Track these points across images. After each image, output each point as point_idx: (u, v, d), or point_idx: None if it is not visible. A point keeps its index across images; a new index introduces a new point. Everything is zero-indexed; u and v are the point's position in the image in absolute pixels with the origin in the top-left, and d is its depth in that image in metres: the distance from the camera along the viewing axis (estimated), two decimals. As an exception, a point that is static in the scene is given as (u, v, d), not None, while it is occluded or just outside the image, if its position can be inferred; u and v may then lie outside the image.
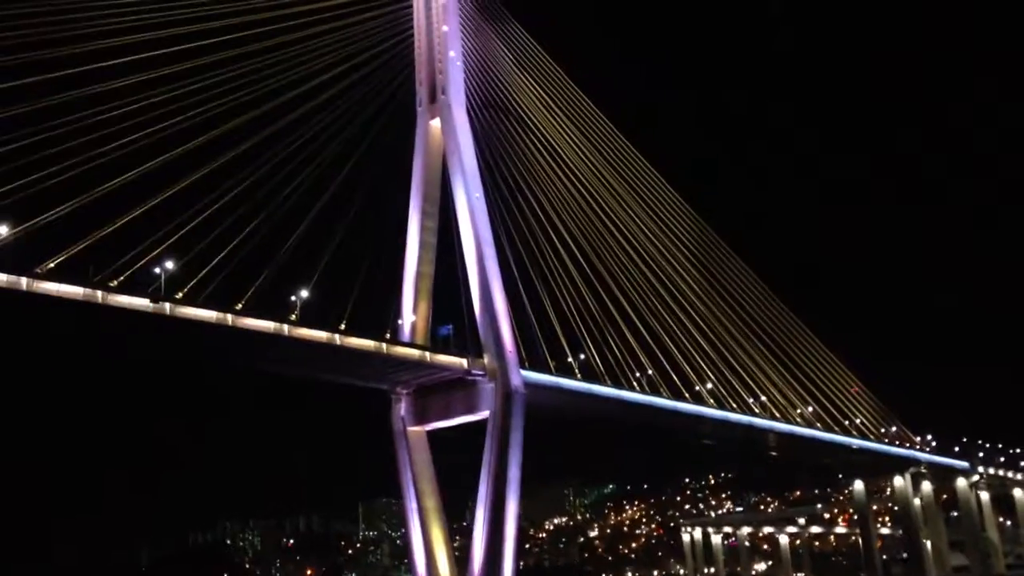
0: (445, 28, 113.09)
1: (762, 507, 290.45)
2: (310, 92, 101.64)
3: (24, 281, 75.52)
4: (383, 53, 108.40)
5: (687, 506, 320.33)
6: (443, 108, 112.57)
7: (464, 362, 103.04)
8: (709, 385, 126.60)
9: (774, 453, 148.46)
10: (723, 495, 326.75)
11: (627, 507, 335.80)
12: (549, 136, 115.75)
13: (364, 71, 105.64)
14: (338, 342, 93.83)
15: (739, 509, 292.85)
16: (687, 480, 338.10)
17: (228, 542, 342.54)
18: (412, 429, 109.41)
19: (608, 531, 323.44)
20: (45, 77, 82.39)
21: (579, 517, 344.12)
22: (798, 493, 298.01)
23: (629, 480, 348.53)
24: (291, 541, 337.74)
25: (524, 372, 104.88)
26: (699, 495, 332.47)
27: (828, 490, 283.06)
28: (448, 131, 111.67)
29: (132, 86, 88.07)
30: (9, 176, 76.22)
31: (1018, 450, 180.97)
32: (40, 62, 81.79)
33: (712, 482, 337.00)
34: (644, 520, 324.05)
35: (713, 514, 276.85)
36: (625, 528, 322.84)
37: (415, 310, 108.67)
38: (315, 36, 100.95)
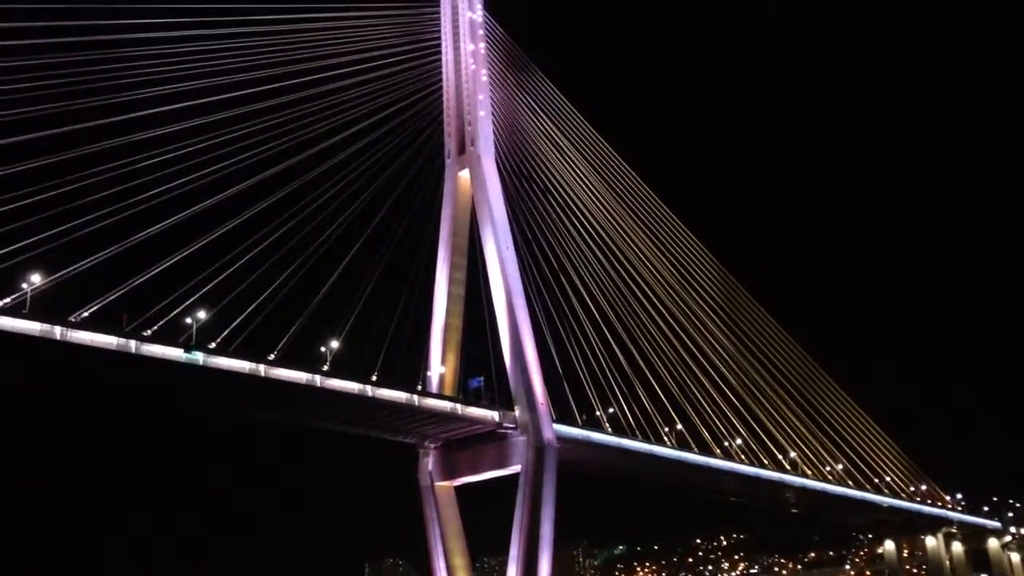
0: (484, 75, 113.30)
1: (776, 569, 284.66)
2: (339, 144, 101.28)
3: (58, 330, 74.12)
4: (412, 105, 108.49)
5: (700, 567, 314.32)
6: (472, 159, 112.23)
7: (496, 415, 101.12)
8: (739, 441, 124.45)
9: (800, 511, 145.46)
10: (736, 556, 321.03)
11: (638, 569, 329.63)
12: (576, 189, 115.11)
13: (393, 123, 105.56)
14: (370, 393, 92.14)
15: (753, 571, 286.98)
16: (698, 541, 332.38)
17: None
18: (440, 484, 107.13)
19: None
20: (80, 127, 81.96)
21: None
22: (812, 555, 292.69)
23: (639, 540, 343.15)
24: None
25: (555, 426, 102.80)
26: (711, 556, 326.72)
27: (843, 552, 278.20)
28: (478, 182, 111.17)
29: (162, 137, 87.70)
30: (43, 224, 75.52)
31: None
32: (75, 111, 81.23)
33: (724, 543, 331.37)
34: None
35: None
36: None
37: (443, 362, 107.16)
38: (345, 89, 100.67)
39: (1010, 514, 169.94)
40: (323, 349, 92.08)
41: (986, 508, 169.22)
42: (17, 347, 72.24)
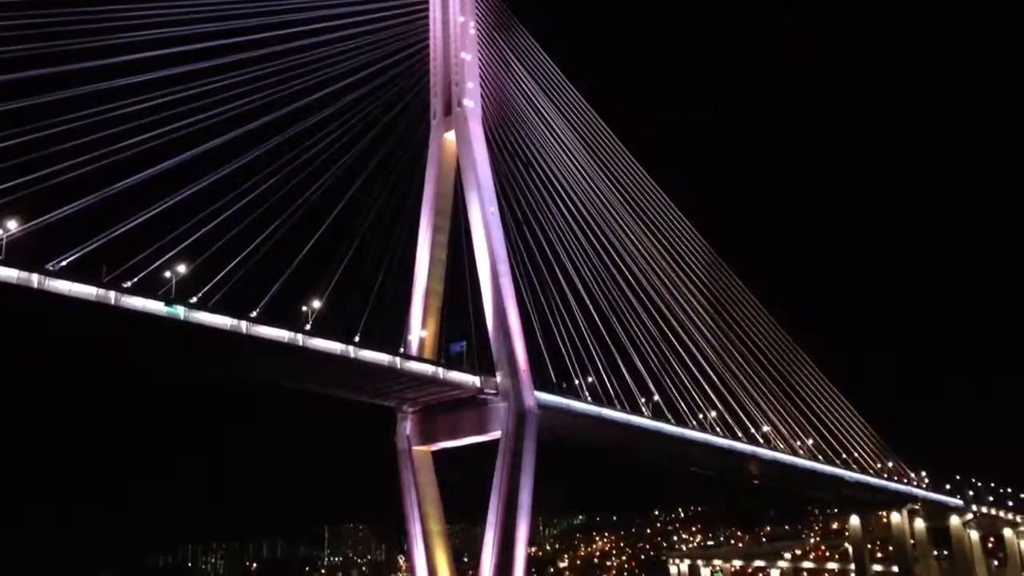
0: (473, 32, 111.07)
1: (732, 541, 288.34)
2: (323, 100, 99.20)
3: (35, 278, 71.65)
4: (397, 64, 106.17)
5: (658, 539, 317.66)
6: (459, 120, 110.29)
7: (477, 380, 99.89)
8: (713, 413, 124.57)
9: (770, 484, 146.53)
10: (693, 528, 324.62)
11: (596, 538, 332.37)
12: (562, 158, 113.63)
13: (378, 81, 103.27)
14: (352, 355, 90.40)
15: (710, 543, 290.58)
16: (656, 513, 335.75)
17: (190, 564, 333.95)
18: (417, 449, 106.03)
19: (578, 562, 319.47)
20: (62, 69, 79.15)
21: (548, 548, 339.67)
22: (768, 529, 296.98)
23: (598, 511, 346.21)
24: (254, 565, 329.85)
25: (536, 393, 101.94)
26: (669, 528, 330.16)
27: (799, 527, 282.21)
28: (464, 144, 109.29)
29: (145, 83, 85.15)
30: (20, 170, 72.93)
31: (1008, 489, 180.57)
32: (58, 54, 78.36)
33: (682, 515, 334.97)
34: (614, 552, 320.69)
35: (685, 547, 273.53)
36: (596, 559, 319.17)
37: (424, 326, 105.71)
38: (328, 43, 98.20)
39: (971, 492, 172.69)
40: (304, 308, 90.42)
41: (948, 486, 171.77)
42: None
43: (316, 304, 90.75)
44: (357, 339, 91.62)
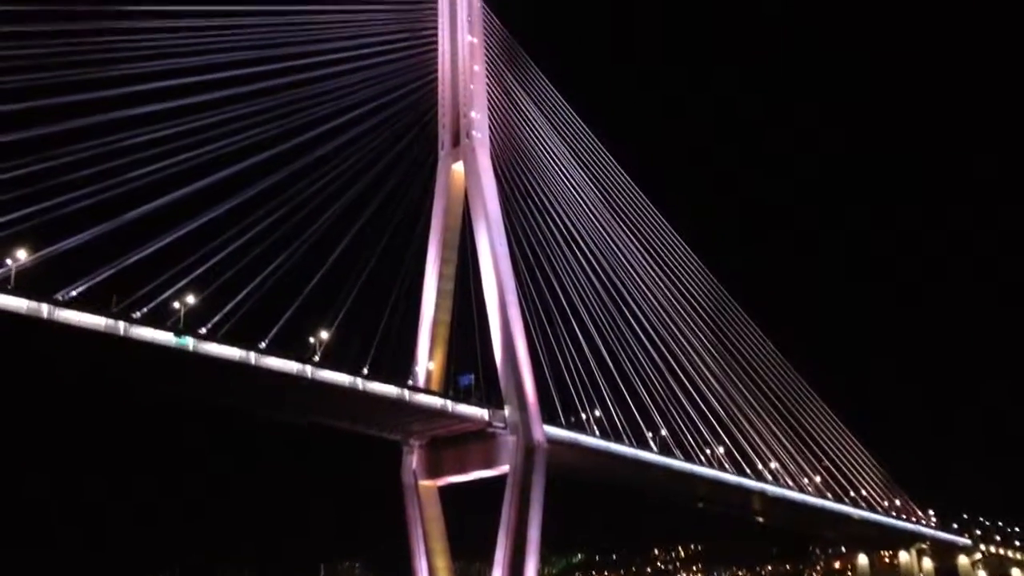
0: (476, 67, 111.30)
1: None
2: (332, 131, 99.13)
3: (45, 308, 70.88)
4: (406, 96, 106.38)
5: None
6: (467, 151, 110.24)
7: (485, 413, 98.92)
8: (720, 449, 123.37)
9: (776, 522, 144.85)
10: (694, 567, 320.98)
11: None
12: (570, 186, 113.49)
13: (386, 113, 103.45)
14: (360, 387, 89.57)
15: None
16: (656, 551, 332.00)
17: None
18: (424, 483, 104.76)
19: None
20: (72, 99, 78.94)
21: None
22: (769, 568, 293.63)
23: (598, 549, 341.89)
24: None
25: (544, 427, 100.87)
26: (670, 566, 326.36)
27: (800, 567, 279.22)
28: (472, 175, 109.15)
29: (155, 113, 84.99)
30: (30, 199, 72.54)
31: (1016, 528, 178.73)
32: (69, 83, 78.21)
33: (682, 554, 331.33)
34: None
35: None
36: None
37: (431, 358, 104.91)
38: (338, 75, 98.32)
39: (979, 531, 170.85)
40: (311, 340, 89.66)
41: (955, 525, 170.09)
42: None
43: (324, 335, 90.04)
44: (365, 371, 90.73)
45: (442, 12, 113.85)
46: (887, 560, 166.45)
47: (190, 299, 79.66)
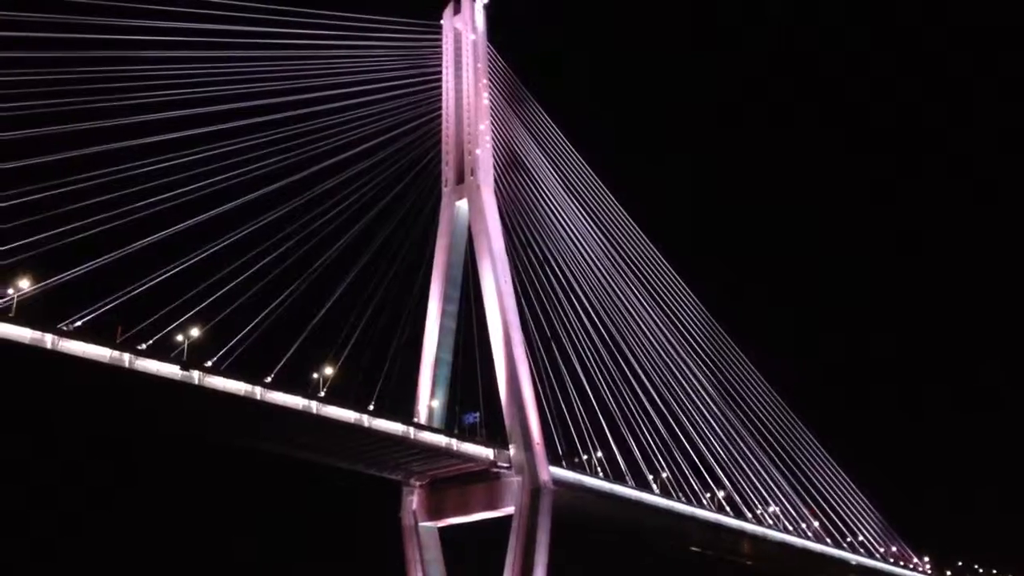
0: (485, 100, 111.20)
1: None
2: (336, 167, 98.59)
3: (49, 339, 68.96)
4: (409, 132, 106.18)
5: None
6: (471, 189, 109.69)
7: (491, 453, 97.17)
8: (721, 493, 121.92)
9: (776, 567, 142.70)
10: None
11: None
12: (574, 228, 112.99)
13: (390, 149, 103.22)
14: (366, 423, 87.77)
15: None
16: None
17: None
18: (424, 525, 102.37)
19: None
20: (77, 127, 77.94)
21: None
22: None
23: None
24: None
25: (550, 467, 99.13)
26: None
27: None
28: (476, 213, 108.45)
29: (159, 144, 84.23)
30: (33, 228, 71.31)
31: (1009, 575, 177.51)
32: (74, 111, 77.15)
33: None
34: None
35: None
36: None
37: (433, 395, 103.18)
38: (342, 110, 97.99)
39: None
40: (315, 375, 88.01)
41: (949, 572, 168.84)
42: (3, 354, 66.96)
43: (328, 371, 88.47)
44: (371, 407, 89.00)
45: (446, 50, 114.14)
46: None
47: (195, 332, 78.16)
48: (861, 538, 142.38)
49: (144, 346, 74.03)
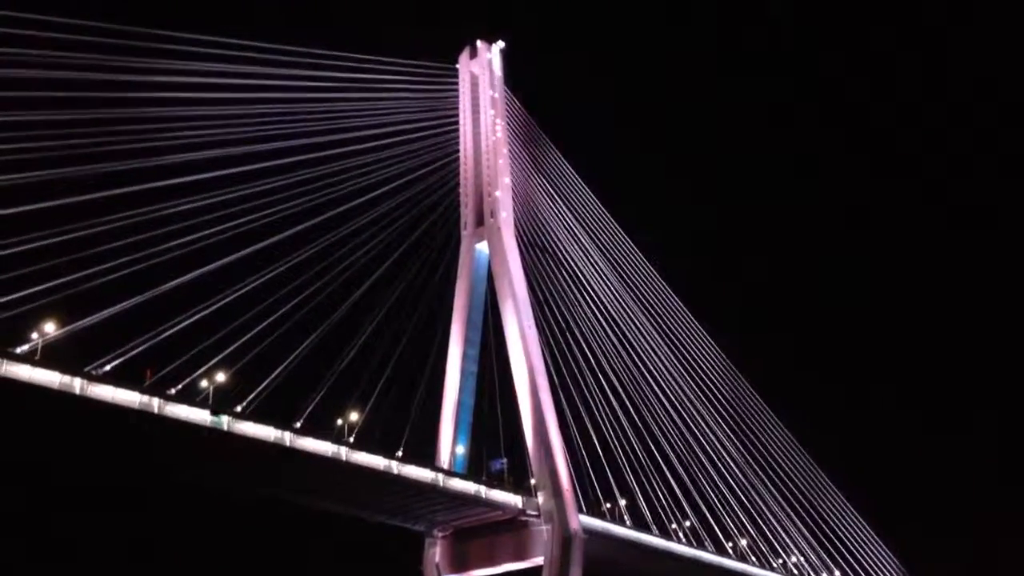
0: (506, 149, 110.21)
1: None
2: (356, 210, 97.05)
3: (78, 383, 66.47)
4: (428, 175, 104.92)
5: None
6: (491, 231, 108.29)
7: (519, 501, 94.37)
8: (744, 541, 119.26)
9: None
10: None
11: None
12: (594, 270, 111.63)
13: (408, 193, 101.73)
14: (395, 471, 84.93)
15: None
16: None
17: None
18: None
19: None
20: (105, 168, 76.34)
21: None
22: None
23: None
24: None
25: (581, 516, 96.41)
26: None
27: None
28: (497, 255, 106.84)
29: (185, 185, 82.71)
30: (59, 271, 69.16)
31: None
32: (102, 152, 75.53)
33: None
34: None
35: None
36: None
37: (455, 441, 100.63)
38: (363, 152, 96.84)
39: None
40: (339, 421, 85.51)
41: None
42: (33, 399, 64.43)
43: (354, 417, 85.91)
44: (400, 454, 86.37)
45: (463, 94, 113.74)
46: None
47: (220, 376, 75.78)
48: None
49: (173, 391, 71.50)
